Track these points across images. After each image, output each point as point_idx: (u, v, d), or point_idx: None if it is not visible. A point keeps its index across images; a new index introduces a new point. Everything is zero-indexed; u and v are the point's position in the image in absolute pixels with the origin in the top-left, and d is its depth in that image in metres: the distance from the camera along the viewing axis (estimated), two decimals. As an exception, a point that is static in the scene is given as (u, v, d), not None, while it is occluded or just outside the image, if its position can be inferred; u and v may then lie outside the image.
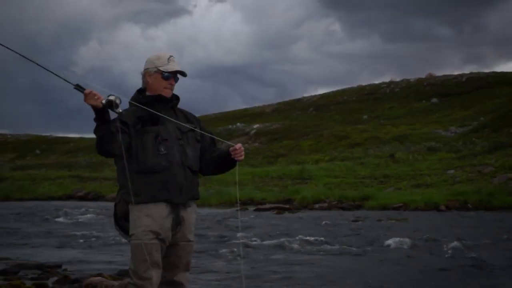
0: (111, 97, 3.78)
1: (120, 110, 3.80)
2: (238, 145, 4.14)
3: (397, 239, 12.71)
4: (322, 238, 13.20)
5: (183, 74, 4.16)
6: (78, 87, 3.73)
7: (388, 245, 12.13)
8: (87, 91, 3.70)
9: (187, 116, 4.23)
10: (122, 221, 4.08)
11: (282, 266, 9.81)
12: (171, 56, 4.13)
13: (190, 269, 4.20)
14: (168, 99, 4.11)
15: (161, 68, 4.08)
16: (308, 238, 13.37)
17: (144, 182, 3.93)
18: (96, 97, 3.69)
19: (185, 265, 4.12)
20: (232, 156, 4.13)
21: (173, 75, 4.12)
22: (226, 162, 4.18)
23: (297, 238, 13.32)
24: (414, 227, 15.42)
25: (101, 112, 3.74)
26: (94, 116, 3.76)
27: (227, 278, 8.47)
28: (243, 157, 4.16)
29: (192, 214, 4.13)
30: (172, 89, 4.14)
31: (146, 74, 4.11)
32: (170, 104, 4.14)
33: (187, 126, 4.13)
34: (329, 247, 12.10)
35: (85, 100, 3.70)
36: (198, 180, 4.20)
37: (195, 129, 4.17)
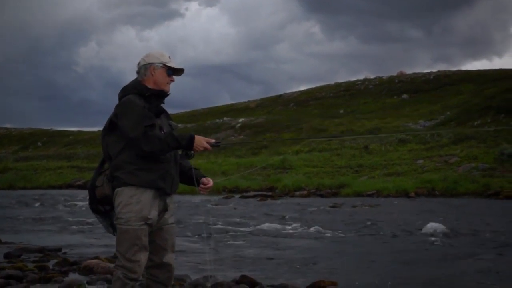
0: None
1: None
2: (211, 183, 4.18)
3: (372, 222, 12.76)
4: (303, 222, 13.23)
5: (182, 73, 4.12)
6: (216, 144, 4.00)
7: (364, 228, 12.17)
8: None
9: (167, 115, 4.18)
10: (99, 205, 4.04)
11: (265, 248, 9.80)
12: (169, 56, 4.09)
13: (175, 250, 4.16)
14: (167, 95, 4.07)
15: (168, 65, 4.02)
16: (289, 222, 13.39)
17: (147, 168, 3.86)
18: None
19: (171, 246, 4.09)
20: (199, 186, 4.16)
21: (173, 73, 4.07)
22: (189, 181, 4.18)
23: (279, 222, 13.32)
24: (387, 212, 15.52)
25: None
26: (179, 145, 3.84)
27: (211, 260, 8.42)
28: (206, 192, 4.24)
29: (172, 200, 4.12)
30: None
31: (150, 67, 3.99)
32: (164, 99, 4.09)
33: (174, 124, 4.14)
34: (309, 230, 12.12)
35: (204, 149, 3.91)
36: None
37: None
